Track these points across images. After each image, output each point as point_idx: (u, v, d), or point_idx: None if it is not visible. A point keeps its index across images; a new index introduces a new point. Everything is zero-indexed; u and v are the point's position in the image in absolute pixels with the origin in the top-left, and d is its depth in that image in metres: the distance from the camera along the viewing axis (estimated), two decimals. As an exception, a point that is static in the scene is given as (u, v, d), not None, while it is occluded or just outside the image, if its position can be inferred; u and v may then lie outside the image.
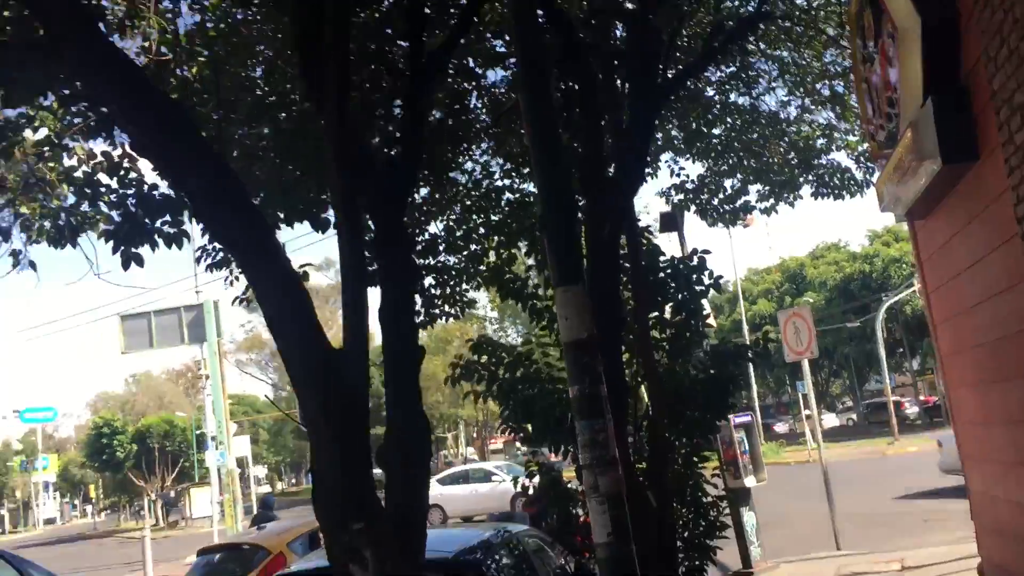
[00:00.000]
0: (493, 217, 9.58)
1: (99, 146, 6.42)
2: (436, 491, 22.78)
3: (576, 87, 7.20)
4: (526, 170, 9.20)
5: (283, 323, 4.23)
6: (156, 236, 6.09)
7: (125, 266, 5.91)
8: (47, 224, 6.11)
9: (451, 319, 9.90)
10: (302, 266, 6.25)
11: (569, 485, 8.50)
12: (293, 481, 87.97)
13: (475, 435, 70.94)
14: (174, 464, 57.51)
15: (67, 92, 5.65)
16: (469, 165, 9.51)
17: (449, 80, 7.84)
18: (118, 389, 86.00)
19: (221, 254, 7.50)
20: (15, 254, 6.07)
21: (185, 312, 26.69)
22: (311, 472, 4.29)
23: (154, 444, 56.03)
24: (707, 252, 8.46)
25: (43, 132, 6.11)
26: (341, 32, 4.54)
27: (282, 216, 7.16)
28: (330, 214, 7.20)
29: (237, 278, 7.77)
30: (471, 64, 8.15)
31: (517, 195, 9.57)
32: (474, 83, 8.56)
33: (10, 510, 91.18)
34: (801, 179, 11.70)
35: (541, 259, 7.83)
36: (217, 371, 28.71)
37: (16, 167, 5.90)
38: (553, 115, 5.12)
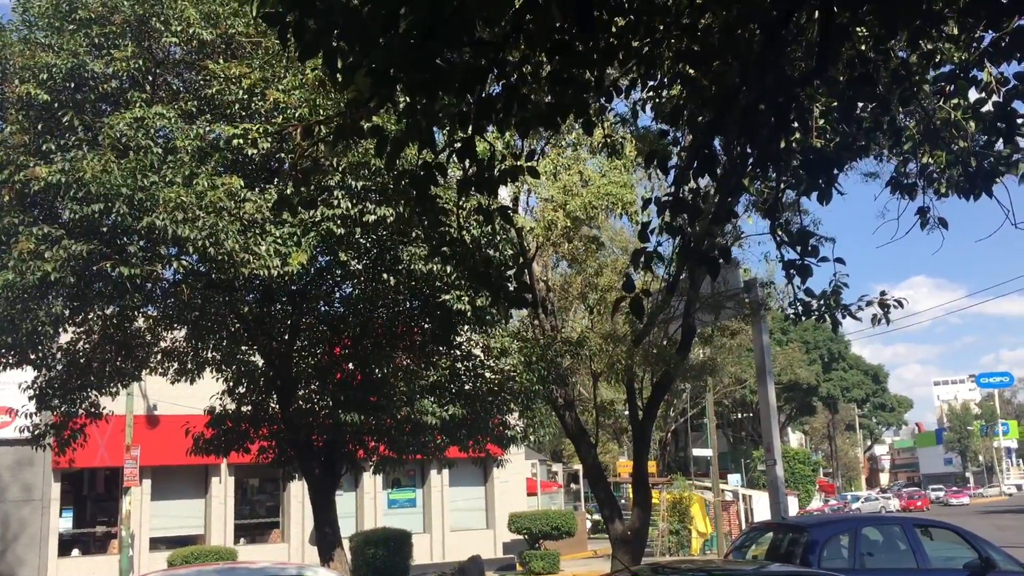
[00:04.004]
0: None
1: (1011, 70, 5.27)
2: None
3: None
4: None
5: None
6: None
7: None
8: (955, 173, 5.22)
9: None
10: None
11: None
12: None
13: None
14: None
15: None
16: None
17: None
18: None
19: None
20: (922, 212, 5.35)
21: None
22: None
23: None
24: None
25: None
26: None
27: None
28: None
29: None
30: None
31: None
32: None
33: (975, 473, 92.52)
34: None
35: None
36: None
37: (913, 113, 5.20)
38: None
